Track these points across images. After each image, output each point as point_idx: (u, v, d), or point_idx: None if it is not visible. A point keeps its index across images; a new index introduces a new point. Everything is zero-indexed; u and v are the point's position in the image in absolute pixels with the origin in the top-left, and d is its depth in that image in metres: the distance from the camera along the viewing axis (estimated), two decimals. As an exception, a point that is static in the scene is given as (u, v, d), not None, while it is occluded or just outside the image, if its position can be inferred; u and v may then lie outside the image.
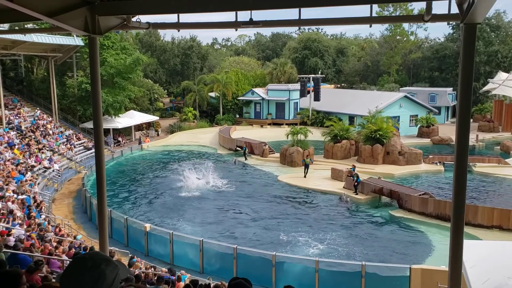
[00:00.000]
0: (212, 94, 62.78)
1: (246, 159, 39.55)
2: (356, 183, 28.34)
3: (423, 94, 59.04)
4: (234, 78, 62.84)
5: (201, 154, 43.52)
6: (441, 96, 59.61)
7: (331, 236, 22.19)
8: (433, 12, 8.13)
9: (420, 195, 25.45)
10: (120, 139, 46.94)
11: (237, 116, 61.77)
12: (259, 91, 60.53)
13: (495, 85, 49.14)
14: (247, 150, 40.41)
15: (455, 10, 7.64)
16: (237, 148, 42.47)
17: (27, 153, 32.67)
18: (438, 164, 35.51)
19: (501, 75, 51.19)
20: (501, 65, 63.45)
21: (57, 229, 18.94)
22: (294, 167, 35.76)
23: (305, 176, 32.62)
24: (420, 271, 15.77)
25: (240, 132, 50.49)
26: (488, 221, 22.39)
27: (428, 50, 76.11)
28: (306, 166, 32.90)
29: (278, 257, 17.35)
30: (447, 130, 48.01)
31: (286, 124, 54.04)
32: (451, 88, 61.11)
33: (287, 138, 38.42)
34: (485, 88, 55.32)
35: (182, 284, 13.87)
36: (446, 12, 8.20)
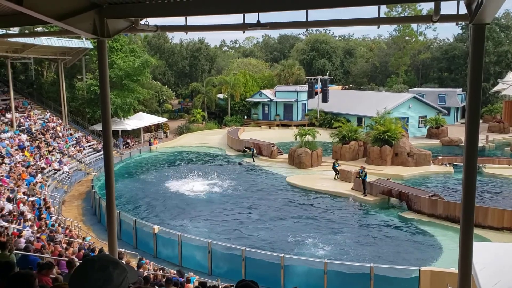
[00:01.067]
0: (221, 96, 62.93)
1: (254, 160, 39.55)
2: (362, 180, 28.21)
3: (432, 95, 58.69)
4: (242, 80, 62.96)
5: (210, 155, 43.62)
6: (450, 97, 59.22)
7: (340, 237, 22.13)
8: (442, 12, 8.08)
9: (429, 196, 25.29)
10: (129, 141, 47.18)
11: (245, 117, 61.84)
12: (267, 92, 60.59)
13: (505, 85, 48.81)
14: (255, 151, 40.42)
15: (463, 10, 7.60)
16: (246, 149, 42.50)
17: (37, 155, 32.96)
18: (448, 165, 35.28)
19: (511, 76, 50.77)
20: (511, 66, 62.91)
21: (67, 231, 19.07)
22: (303, 168, 35.72)
23: (335, 178, 32.44)
24: (430, 273, 15.68)
25: (249, 133, 50.56)
26: (498, 222, 22.19)
27: (437, 50, 75.69)
28: (335, 169, 32.69)
29: (286, 258, 17.34)
30: (457, 131, 47.67)
31: (294, 125, 53.97)
32: (461, 89, 60.68)
33: (295, 139, 38.38)
34: (495, 88, 54.90)
35: (191, 286, 13.92)
36: (455, 12, 8.16)
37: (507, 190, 29.96)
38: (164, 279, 13.31)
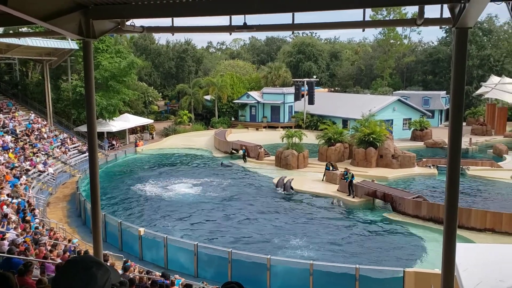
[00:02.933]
0: (208, 97, 62.80)
1: (245, 161, 39.55)
2: (348, 183, 28.33)
3: (416, 98, 59.29)
4: (229, 81, 62.95)
5: (196, 157, 43.49)
6: (434, 100, 59.91)
7: (325, 238, 22.25)
8: (426, 16, 8.21)
9: (413, 198, 25.54)
10: (114, 142, 46.82)
11: (233, 119, 61.83)
12: (255, 94, 60.66)
13: (488, 88, 49.52)
14: (245, 152, 40.45)
15: (447, 14, 7.73)
16: (233, 151, 42.46)
17: (22, 156, 32.52)
18: (432, 167, 35.68)
19: (493, 79, 51.59)
20: (493, 69, 63.92)
21: (52, 233, 18.86)
22: (289, 169, 35.84)
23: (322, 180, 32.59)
24: (414, 274, 15.84)
25: (236, 135, 50.54)
26: (481, 224, 22.50)
27: (422, 53, 76.53)
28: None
29: (272, 260, 17.36)
30: (441, 134, 48.23)
31: (281, 127, 54.12)
32: (445, 92, 61.42)
33: (282, 141, 38.51)
34: (478, 91, 55.71)
35: (176, 288, 13.86)
36: (439, 16, 8.28)
37: (489, 191, 30.41)
38: (150, 282, 13.24)
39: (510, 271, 9.60)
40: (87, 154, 33.42)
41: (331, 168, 32.79)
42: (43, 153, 35.63)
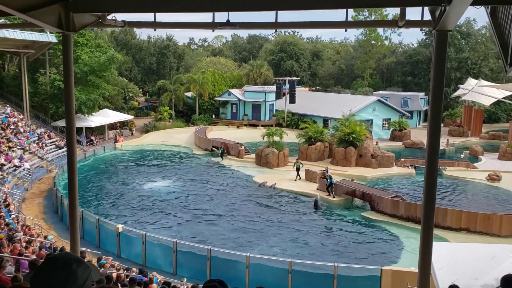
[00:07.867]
0: (189, 94, 62.45)
1: (222, 159, 39.44)
2: (329, 185, 28.47)
3: (396, 98, 60.03)
4: (210, 79, 62.68)
5: (176, 154, 43.22)
6: (413, 101, 60.74)
7: (304, 237, 22.37)
8: (407, 18, 8.31)
9: (391, 197, 25.86)
10: (93, 138, 46.21)
11: (214, 116, 61.62)
12: (236, 92, 60.55)
13: (465, 91, 50.40)
14: (224, 150, 40.32)
15: (428, 17, 7.84)
16: (213, 148, 42.34)
17: (-4, 151, 31.88)
18: (410, 167, 36.16)
19: (471, 82, 52.52)
20: (470, 72, 65.09)
21: (27, 229, 18.52)
22: (270, 168, 35.91)
23: (295, 180, 32.37)
24: (391, 272, 16.05)
25: (216, 133, 50.39)
26: (456, 223, 22.92)
27: (402, 55, 77.45)
28: (298, 170, 32.62)
29: (251, 258, 17.38)
30: (419, 134, 48.90)
31: (262, 126, 54.15)
32: (423, 93, 62.35)
33: (263, 139, 38.54)
34: (456, 93, 56.65)
35: (154, 286, 13.77)
36: (419, 18, 8.40)
37: (465, 192, 30.99)
38: (128, 279, 13.12)
39: (483, 269, 9.80)
40: (64, 149, 32.90)
41: (299, 165, 32.67)
42: (19, 147, 34.95)
